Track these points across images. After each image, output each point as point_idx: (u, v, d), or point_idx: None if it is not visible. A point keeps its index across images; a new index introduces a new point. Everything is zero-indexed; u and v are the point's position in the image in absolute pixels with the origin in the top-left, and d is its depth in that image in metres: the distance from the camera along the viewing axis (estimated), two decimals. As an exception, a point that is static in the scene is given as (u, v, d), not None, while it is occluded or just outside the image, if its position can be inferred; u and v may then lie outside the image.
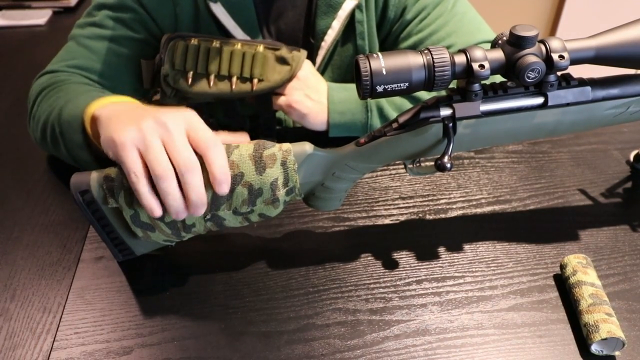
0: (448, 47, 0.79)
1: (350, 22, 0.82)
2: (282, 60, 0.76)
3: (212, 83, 0.75)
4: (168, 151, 0.50)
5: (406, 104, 0.80)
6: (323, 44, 0.83)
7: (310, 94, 0.78)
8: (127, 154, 0.50)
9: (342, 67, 0.86)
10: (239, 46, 0.75)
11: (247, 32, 0.81)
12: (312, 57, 0.85)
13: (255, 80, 0.75)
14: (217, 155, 0.51)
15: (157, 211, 0.51)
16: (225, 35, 0.82)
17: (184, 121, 0.51)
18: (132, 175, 0.50)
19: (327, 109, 0.78)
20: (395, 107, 0.80)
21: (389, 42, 0.86)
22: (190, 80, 0.75)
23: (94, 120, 0.59)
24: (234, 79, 0.75)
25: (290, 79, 0.77)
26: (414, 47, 0.82)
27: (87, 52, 0.77)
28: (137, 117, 0.52)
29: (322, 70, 0.86)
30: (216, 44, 0.75)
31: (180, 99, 0.77)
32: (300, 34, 0.85)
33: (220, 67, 0.74)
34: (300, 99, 0.78)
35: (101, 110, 0.58)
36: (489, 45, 0.81)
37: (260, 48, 0.75)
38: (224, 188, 0.52)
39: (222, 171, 0.51)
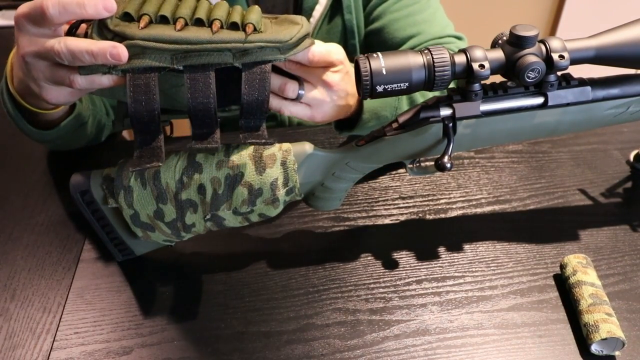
0: (418, 34, 0.80)
1: None
2: (288, 20, 0.52)
3: (180, 26, 0.48)
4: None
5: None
6: (311, 20, 0.82)
7: (339, 101, 0.60)
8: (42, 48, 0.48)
9: None
10: None
11: None
12: None
13: (250, 27, 0.49)
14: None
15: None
16: None
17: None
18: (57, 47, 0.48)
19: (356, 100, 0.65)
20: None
21: (363, 16, 0.86)
22: (143, 22, 0.47)
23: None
24: (216, 24, 0.48)
25: (303, 38, 0.52)
26: (387, 25, 0.82)
27: None
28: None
29: None
30: None
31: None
32: (290, 13, 0.84)
33: (196, 8, 0.49)
34: (329, 111, 0.61)
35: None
36: (455, 40, 0.82)
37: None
38: (107, 6, 0.46)
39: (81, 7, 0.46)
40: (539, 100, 0.56)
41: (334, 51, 0.57)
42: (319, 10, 0.81)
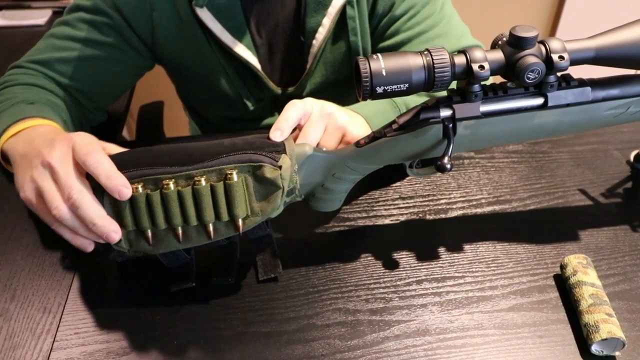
0: None
1: (342, 19, 0.80)
2: (268, 183, 0.53)
3: (182, 237, 0.54)
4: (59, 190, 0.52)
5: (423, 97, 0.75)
6: (314, 42, 0.82)
7: (341, 117, 0.63)
8: (37, 211, 0.54)
9: (335, 65, 0.85)
10: (202, 181, 0.52)
11: (235, 36, 0.79)
12: (303, 56, 0.84)
13: (240, 221, 0.54)
14: (95, 165, 0.51)
15: (88, 248, 0.55)
16: (213, 40, 0.79)
17: (68, 151, 0.52)
18: (52, 225, 0.54)
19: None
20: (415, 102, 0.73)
21: (375, 36, 0.84)
22: (151, 240, 0.54)
23: (5, 151, 0.61)
24: (211, 227, 0.54)
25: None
26: (401, 45, 0.81)
27: (51, 49, 0.77)
28: (31, 163, 0.54)
29: (314, 69, 0.85)
30: (170, 184, 0.52)
31: (146, 254, 0.57)
32: (291, 34, 0.83)
33: (186, 218, 0.53)
34: (359, 130, 0.64)
35: (9, 144, 0.60)
36: None
37: (234, 174, 0.52)
38: (122, 194, 0.51)
39: (107, 179, 0.51)
40: (539, 101, 0.56)
41: (297, 107, 0.59)
42: (322, 32, 0.81)
